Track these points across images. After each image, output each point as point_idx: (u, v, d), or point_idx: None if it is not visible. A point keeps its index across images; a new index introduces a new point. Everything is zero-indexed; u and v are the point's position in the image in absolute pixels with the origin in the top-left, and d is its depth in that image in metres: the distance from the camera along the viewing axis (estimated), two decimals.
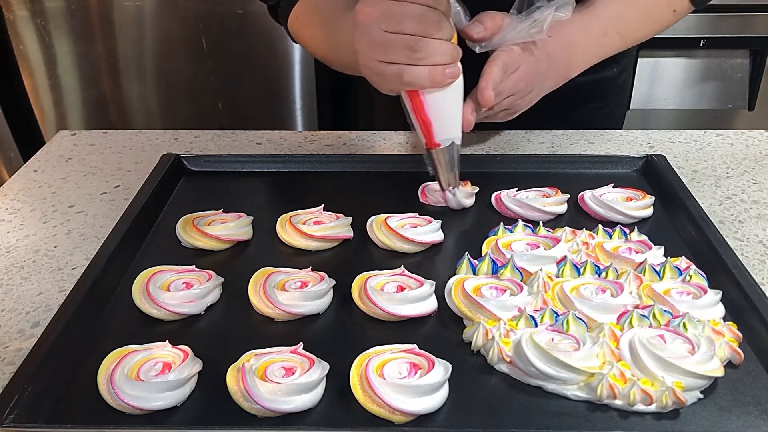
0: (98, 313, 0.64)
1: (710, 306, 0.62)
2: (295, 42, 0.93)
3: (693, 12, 0.93)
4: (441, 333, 0.62)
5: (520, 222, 0.74)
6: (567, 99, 1.02)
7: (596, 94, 1.05)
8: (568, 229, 0.72)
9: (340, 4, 0.81)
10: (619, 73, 1.05)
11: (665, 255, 0.69)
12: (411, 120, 0.73)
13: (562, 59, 0.84)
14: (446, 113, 0.71)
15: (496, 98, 0.76)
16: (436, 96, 0.69)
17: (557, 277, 0.66)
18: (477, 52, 0.76)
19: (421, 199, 0.82)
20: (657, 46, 1.69)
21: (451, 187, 0.78)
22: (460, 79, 0.70)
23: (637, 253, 0.69)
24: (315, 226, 0.74)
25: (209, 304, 0.65)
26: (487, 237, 0.73)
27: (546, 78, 0.83)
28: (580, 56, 0.86)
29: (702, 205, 0.77)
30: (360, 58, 0.69)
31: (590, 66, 0.88)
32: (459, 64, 0.69)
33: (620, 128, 1.10)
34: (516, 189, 0.80)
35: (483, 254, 0.69)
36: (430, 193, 0.81)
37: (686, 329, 0.58)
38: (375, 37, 0.66)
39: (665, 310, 0.60)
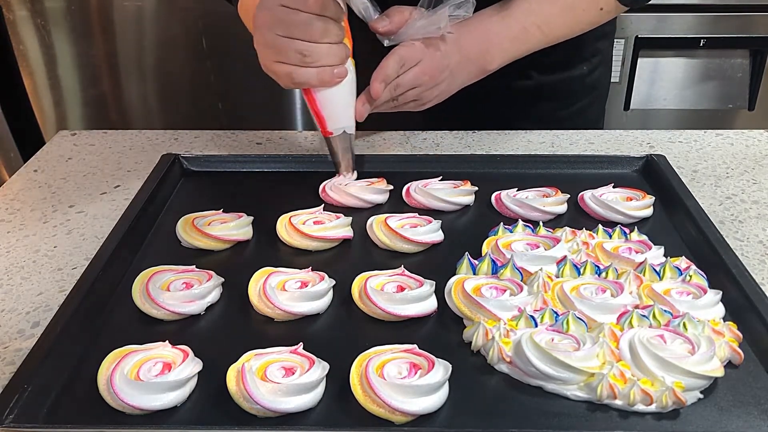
0: (98, 313, 0.64)
1: (710, 306, 0.62)
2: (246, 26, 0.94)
3: (629, 11, 0.91)
4: (441, 333, 0.62)
5: (520, 222, 0.74)
6: (535, 97, 1.03)
7: (565, 93, 1.05)
8: (568, 229, 0.72)
9: None
10: (590, 71, 1.05)
11: (665, 255, 0.69)
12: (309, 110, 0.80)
13: (477, 52, 0.86)
14: (337, 106, 0.79)
15: (396, 90, 0.81)
16: (326, 92, 0.77)
17: (557, 277, 0.66)
18: (385, 45, 0.81)
19: (405, 200, 0.82)
20: (657, 46, 1.69)
21: (345, 172, 0.84)
22: (351, 75, 0.77)
23: (637, 253, 0.69)
24: (315, 226, 0.74)
25: (209, 304, 0.65)
26: (487, 237, 0.73)
27: (458, 71, 0.85)
28: (497, 50, 0.87)
29: (702, 205, 0.77)
30: (259, 57, 0.76)
31: (511, 60, 0.89)
32: (348, 64, 0.76)
33: (601, 128, 1.10)
34: (516, 189, 0.80)
35: (483, 254, 0.69)
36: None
37: (686, 329, 0.58)
38: (269, 40, 0.73)
39: (665, 310, 0.60)
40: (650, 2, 0.96)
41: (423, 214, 0.77)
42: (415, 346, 0.57)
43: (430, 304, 0.63)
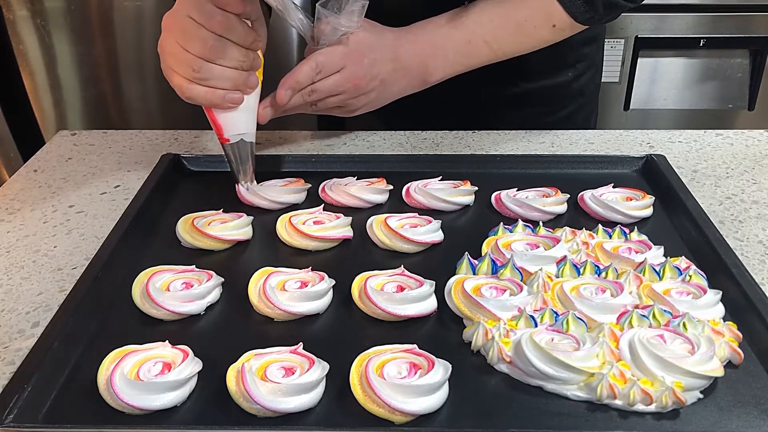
0: (98, 313, 0.64)
1: (710, 306, 0.62)
2: None
3: (583, 28, 0.87)
4: (441, 333, 0.62)
5: (520, 222, 0.74)
6: (520, 104, 1.02)
7: (550, 100, 1.04)
8: (568, 229, 0.72)
9: None
10: (575, 77, 1.03)
11: (665, 255, 0.69)
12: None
13: (417, 63, 0.84)
14: (234, 114, 0.76)
15: (312, 95, 0.80)
16: None
17: (557, 277, 0.66)
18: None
19: (405, 200, 0.82)
20: (657, 46, 1.69)
21: (243, 182, 0.81)
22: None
23: (636, 253, 0.69)
24: (315, 226, 0.74)
25: (209, 304, 0.65)
26: (487, 237, 0.73)
27: (392, 81, 0.84)
28: (440, 62, 0.85)
29: (702, 205, 0.77)
30: (161, 61, 0.74)
31: (456, 73, 0.86)
32: (254, 83, 0.75)
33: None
34: (516, 189, 0.80)
35: (483, 254, 0.69)
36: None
37: (686, 329, 0.58)
38: (169, 47, 0.72)
39: (665, 310, 0.60)
40: (611, 20, 0.91)
41: (423, 214, 0.77)
42: (415, 346, 0.57)
43: (430, 304, 0.63)
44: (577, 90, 1.05)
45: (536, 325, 0.59)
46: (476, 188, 0.82)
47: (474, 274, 0.67)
